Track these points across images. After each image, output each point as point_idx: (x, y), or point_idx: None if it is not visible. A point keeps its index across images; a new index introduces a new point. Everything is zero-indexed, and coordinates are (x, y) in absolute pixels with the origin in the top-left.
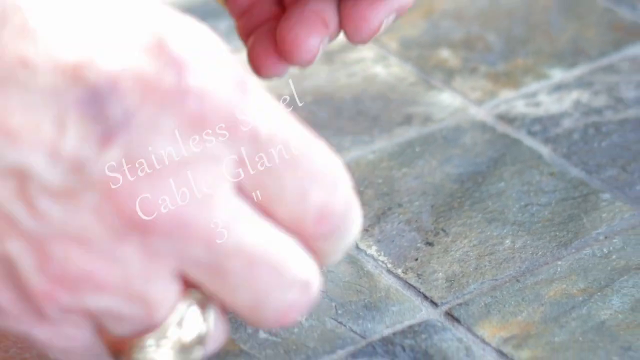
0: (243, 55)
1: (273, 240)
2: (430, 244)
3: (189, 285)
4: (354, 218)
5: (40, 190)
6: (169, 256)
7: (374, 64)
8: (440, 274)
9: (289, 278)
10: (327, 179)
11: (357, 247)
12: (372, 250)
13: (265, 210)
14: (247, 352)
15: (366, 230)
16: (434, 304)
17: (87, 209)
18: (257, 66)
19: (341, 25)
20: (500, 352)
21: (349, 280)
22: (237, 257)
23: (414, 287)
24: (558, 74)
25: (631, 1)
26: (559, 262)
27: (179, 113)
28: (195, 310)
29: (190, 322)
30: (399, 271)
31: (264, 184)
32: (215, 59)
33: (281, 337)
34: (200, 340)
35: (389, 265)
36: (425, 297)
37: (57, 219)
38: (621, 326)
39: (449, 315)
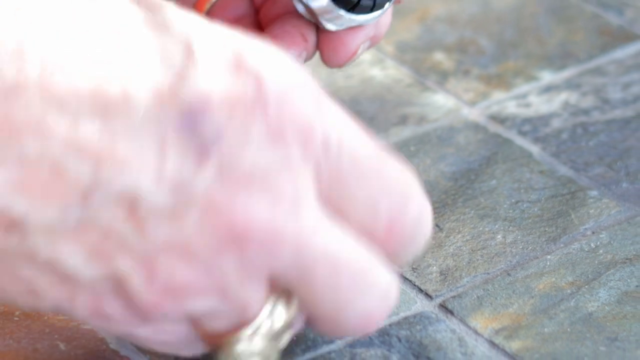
0: None
1: (355, 247)
2: None
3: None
4: (425, 225)
5: (148, 212)
6: (262, 263)
7: (371, 67)
8: (435, 267)
9: (371, 284)
10: (397, 189)
11: None
12: None
13: (338, 218)
14: None
15: None
16: (428, 296)
17: (190, 225)
18: None
19: (319, 47)
20: (492, 343)
21: None
22: (324, 263)
23: (409, 281)
24: (547, 76)
25: (618, 6)
26: (548, 257)
27: (262, 122)
28: (282, 300)
29: (279, 312)
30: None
31: (336, 192)
32: (290, 71)
33: None
34: (289, 326)
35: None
36: (420, 290)
37: (164, 237)
38: (608, 318)
39: (443, 307)
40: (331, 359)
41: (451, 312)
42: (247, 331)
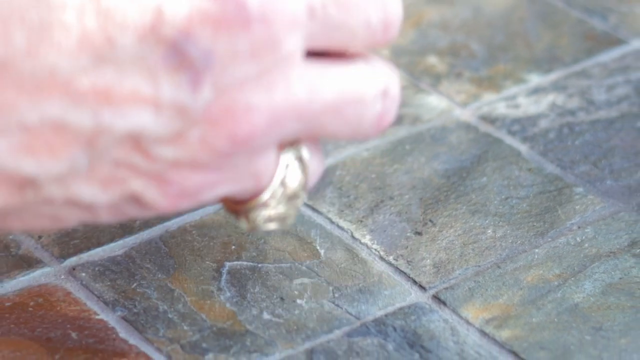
0: None
1: (347, 78)
2: (419, 233)
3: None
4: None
5: (152, 142)
6: (268, 143)
7: None
8: (428, 260)
9: (371, 99)
10: (376, 2)
11: (352, 237)
12: (366, 239)
13: (340, 49)
14: (253, 331)
15: (360, 221)
16: (422, 288)
17: (195, 141)
18: None
19: None
20: (482, 332)
21: (344, 266)
22: (326, 112)
23: (404, 273)
24: (535, 79)
25: (602, 12)
26: (536, 250)
27: (249, 37)
28: (292, 164)
29: (291, 176)
30: (391, 258)
31: (334, 34)
32: None
33: (283, 318)
34: (302, 187)
35: (382, 253)
36: (415, 282)
37: (171, 157)
38: (593, 308)
39: (436, 298)
40: (330, 347)
41: (444, 303)
42: (263, 197)
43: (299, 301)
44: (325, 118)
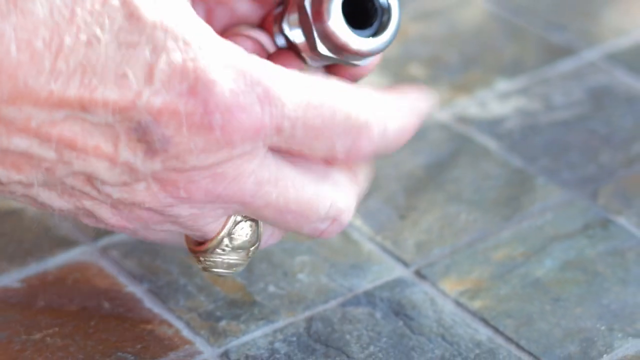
0: None
1: (301, 191)
2: (403, 217)
3: None
4: (381, 142)
5: (104, 183)
6: (211, 213)
7: None
8: (410, 241)
9: (316, 219)
10: (349, 130)
11: None
12: (358, 223)
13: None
14: (260, 302)
15: None
16: (405, 264)
17: (141, 191)
18: None
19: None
20: (457, 303)
21: (339, 246)
22: (268, 209)
23: (390, 252)
24: (503, 85)
25: (559, 28)
26: (503, 232)
27: (207, 138)
28: (242, 221)
29: (240, 232)
30: (378, 239)
31: (296, 148)
32: (238, 82)
33: (286, 290)
34: (251, 243)
35: (371, 234)
36: (399, 259)
37: (119, 196)
38: (552, 282)
39: (418, 273)
40: (326, 316)
41: (424, 278)
42: (210, 245)
43: (299, 276)
44: (267, 213)
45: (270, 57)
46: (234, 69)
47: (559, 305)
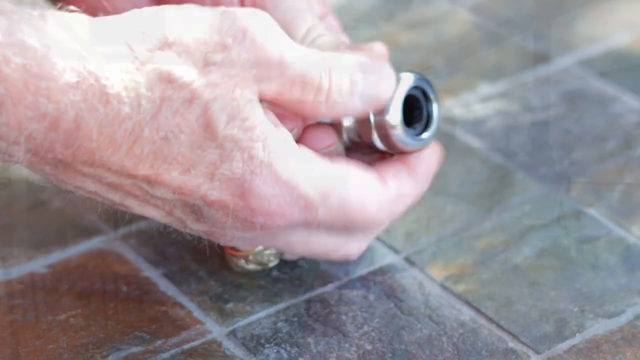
0: None
1: (329, 241)
2: None
3: None
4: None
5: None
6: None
7: None
8: (401, 230)
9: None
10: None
11: None
12: None
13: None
14: (264, 286)
15: None
16: (396, 251)
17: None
18: None
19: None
20: (443, 286)
21: None
22: (298, 246)
23: (382, 240)
24: (485, 88)
25: (536, 37)
26: (486, 222)
27: (249, 228)
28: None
29: (269, 250)
30: None
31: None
32: (285, 196)
33: (288, 275)
34: (276, 256)
35: None
36: (390, 247)
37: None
38: (529, 268)
39: (407, 259)
40: (324, 298)
41: (413, 264)
42: (249, 252)
43: (300, 262)
44: (295, 253)
45: (308, 126)
46: (284, 186)
47: (536, 289)
